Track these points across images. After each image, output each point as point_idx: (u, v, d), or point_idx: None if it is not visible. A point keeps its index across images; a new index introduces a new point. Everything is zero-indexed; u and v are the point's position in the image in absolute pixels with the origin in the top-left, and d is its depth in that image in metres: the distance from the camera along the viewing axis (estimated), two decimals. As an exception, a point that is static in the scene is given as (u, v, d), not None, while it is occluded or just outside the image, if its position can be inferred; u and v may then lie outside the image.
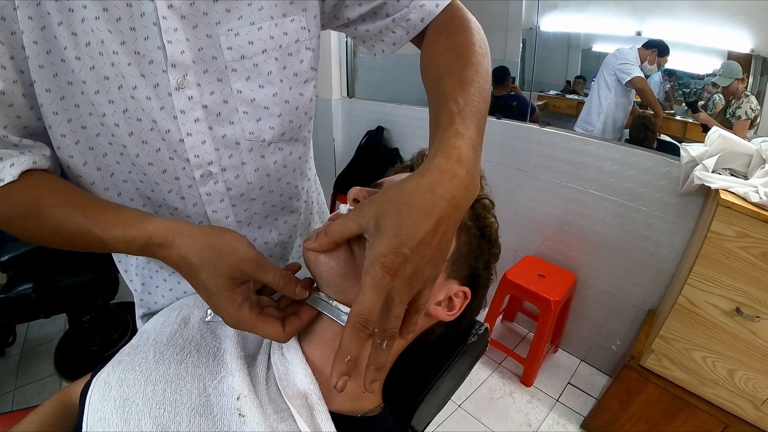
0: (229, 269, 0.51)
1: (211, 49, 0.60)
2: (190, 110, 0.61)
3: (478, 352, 0.83)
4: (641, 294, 2.03)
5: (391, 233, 0.42)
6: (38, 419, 0.69)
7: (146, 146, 0.63)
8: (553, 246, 2.34)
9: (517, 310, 2.61)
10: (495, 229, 0.65)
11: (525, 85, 2.68)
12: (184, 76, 0.59)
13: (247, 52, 0.62)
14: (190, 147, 0.64)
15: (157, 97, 0.59)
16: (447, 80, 0.59)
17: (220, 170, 0.68)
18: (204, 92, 0.62)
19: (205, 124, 0.64)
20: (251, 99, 0.66)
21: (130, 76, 0.57)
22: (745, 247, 1.30)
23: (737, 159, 1.51)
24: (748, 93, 1.82)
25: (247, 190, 0.73)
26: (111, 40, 0.55)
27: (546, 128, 2.19)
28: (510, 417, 2.04)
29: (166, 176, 0.66)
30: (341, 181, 3.23)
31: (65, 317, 2.40)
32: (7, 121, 0.56)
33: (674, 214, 1.82)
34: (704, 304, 1.43)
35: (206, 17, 0.59)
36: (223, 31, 0.60)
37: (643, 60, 2.13)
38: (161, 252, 0.53)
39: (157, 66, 0.58)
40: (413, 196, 0.44)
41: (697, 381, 1.54)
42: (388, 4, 0.70)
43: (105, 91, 0.58)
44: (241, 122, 0.67)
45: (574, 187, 2.13)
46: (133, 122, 0.61)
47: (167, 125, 0.61)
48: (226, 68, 0.62)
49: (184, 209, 0.71)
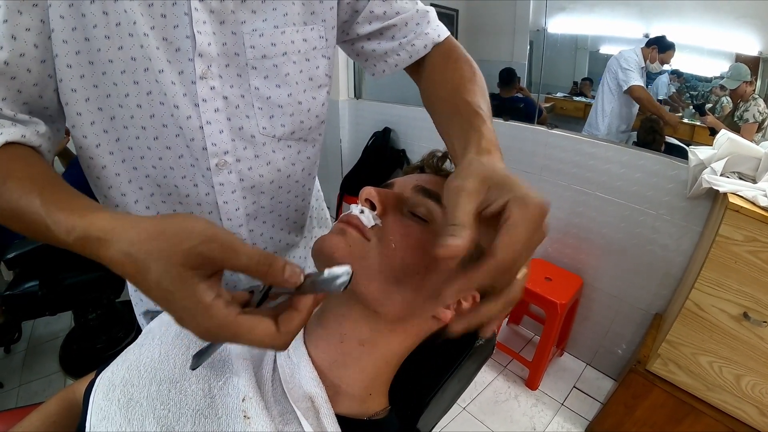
0: (186, 257, 0.38)
1: (234, 45, 0.64)
2: (211, 100, 0.64)
3: (485, 356, 0.83)
4: (648, 298, 2.02)
5: (528, 192, 0.40)
6: (42, 417, 0.69)
7: (165, 130, 0.65)
8: (559, 249, 2.33)
9: (523, 313, 2.60)
10: None
11: (532, 87, 2.69)
12: (208, 67, 0.62)
13: (269, 53, 0.66)
14: (209, 135, 0.66)
15: (181, 83, 0.62)
16: (468, 88, 0.66)
17: (234, 160, 0.70)
18: (225, 84, 0.65)
19: (224, 115, 0.67)
20: (267, 96, 0.69)
21: (157, 60, 0.60)
22: (754, 252, 1.29)
23: (746, 162, 1.50)
24: (756, 96, 1.81)
25: (258, 183, 0.75)
26: (143, 23, 0.57)
27: (553, 130, 2.19)
28: (515, 420, 2.03)
29: (182, 162, 0.69)
30: (348, 182, 3.23)
31: (71, 315, 2.42)
32: (7, 93, 0.56)
33: (682, 217, 1.81)
34: (712, 309, 1.42)
35: (233, 15, 0.62)
36: (248, 30, 0.64)
37: (646, 59, 2.13)
38: (101, 251, 0.40)
39: (184, 54, 0.61)
40: (506, 172, 0.44)
41: (704, 386, 1.52)
42: (397, 27, 0.76)
43: (131, 71, 0.60)
44: (256, 117, 0.70)
45: (582, 189, 2.12)
46: (155, 105, 0.63)
47: (189, 111, 0.64)
48: (246, 65, 0.66)
49: (196, 197, 0.72)
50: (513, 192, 0.41)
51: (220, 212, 0.74)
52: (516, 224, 0.39)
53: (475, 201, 0.41)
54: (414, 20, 0.77)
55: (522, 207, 0.40)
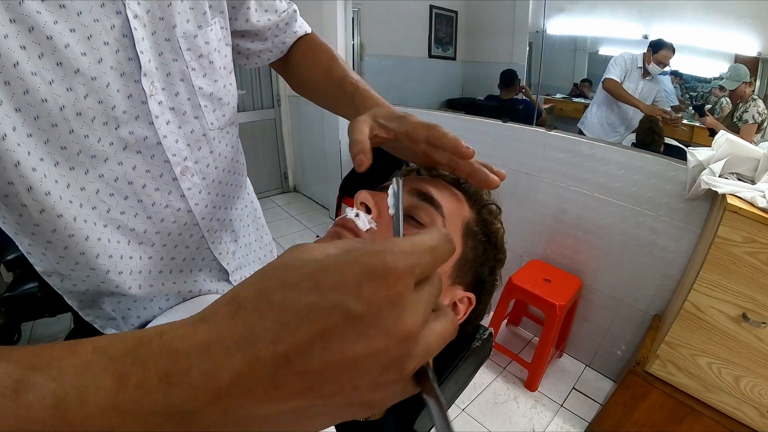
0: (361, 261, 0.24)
1: (170, 52, 0.64)
2: (162, 114, 0.64)
3: (483, 357, 0.83)
4: (647, 299, 2.02)
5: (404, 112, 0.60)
6: None
7: (133, 155, 0.64)
8: (558, 250, 2.33)
9: (522, 315, 2.60)
10: (501, 235, 0.65)
11: (532, 89, 2.69)
12: (152, 83, 0.62)
13: (204, 51, 0.68)
14: (168, 147, 0.66)
15: (132, 107, 0.61)
16: (338, 66, 0.83)
17: (194, 163, 0.72)
18: (170, 95, 0.66)
19: (176, 124, 0.67)
20: (210, 93, 0.72)
21: (108, 96, 0.57)
22: (752, 253, 1.29)
23: (744, 163, 1.50)
24: (756, 97, 1.81)
25: (216, 176, 0.78)
26: (87, 63, 0.54)
27: (552, 132, 2.19)
28: (514, 421, 2.03)
29: (150, 173, 0.67)
30: (347, 183, 3.23)
31: (70, 316, 2.41)
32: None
33: (681, 218, 1.81)
34: (710, 310, 1.42)
35: (162, 22, 0.61)
36: (180, 34, 0.64)
37: (645, 61, 2.14)
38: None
39: (129, 77, 0.59)
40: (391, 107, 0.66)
41: (703, 387, 1.53)
42: (271, 31, 0.85)
43: (83, 109, 0.56)
44: (204, 116, 0.72)
45: (581, 191, 2.13)
46: (115, 138, 0.60)
47: (144, 132, 0.63)
48: (187, 68, 0.67)
49: (176, 202, 0.72)
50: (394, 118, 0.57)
51: (194, 214, 0.75)
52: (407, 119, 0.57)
53: (366, 126, 0.55)
54: (284, 21, 0.86)
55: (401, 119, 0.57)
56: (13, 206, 0.55)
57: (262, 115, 4.30)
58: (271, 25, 0.84)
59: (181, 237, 0.75)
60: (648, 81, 2.20)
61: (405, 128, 0.56)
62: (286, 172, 4.71)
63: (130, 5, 0.56)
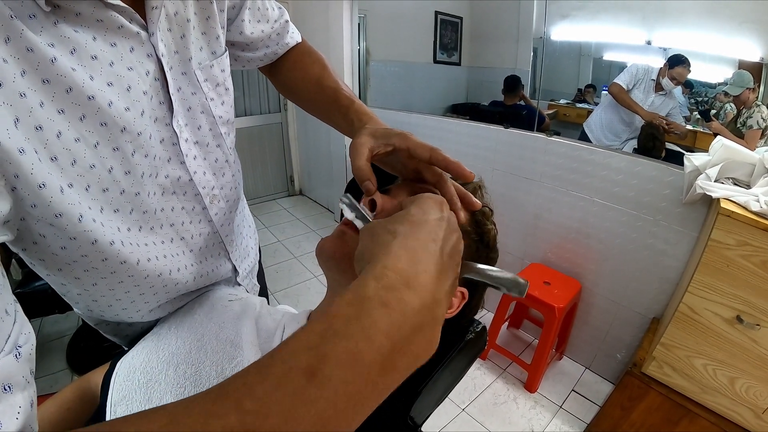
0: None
1: (189, 86, 0.63)
2: (189, 151, 0.65)
3: (476, 350, 0.86)
4: (645, 302, 2.04)
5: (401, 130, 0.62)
6: (57, 404, 0.74)
7: (165, 196, 0.64)
8: (558, 254, 2.36)
9: (522, 317, 2.62)
10: (493, 235, 0.68)
11: (536, 94, 2.71)
12: (177, 122, 0.61)
13: (221, 79, 0.69)
14: (198, 182, 0.68)
15: (164, 151, 0.61)
16: (328, 76, 0.85)
17: (219, 190, 0.74)
18: (193, 129, 0.66)
19: (201, 158, 0.69)
20: (227, 120, 0.73)
21: (148, 146, 0.56)
22: (746, 256, 1.31)
23: (740, 168, 1.53)
24: (759, 102, 1.83)
25: (232, 196, 0.79)
26: (132, 118, 0.52)
27: (552, 138, 2.22)
28: (513, 422, 2.05)
29: (185, 209, 0.69)
30: (352, 186, 3.24)
31: (79, 314, 2.45)
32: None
33: (678, 223, 1.83)
34: (705, 312, 1.44)
35: (177, 55, 0.60)
36: (196, 66, 0.64)
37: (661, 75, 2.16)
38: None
39: (161, 122, 0.59)
40: (386, 127, 0.65)
41: (698, 388, 1.55)
42: (263, 42, 0.85)
43: (130, 170, 0.54)
44: (225, 143, 0.73)
45: (580, 195, 2.15)
46: (153, 185, 0.60)
47: (178, 173, 0.64)
48: (206, 99, 0.67)
49: (205, 228, 0.74)
50: (393, 135, 0.59)
51: (220, 235, 0.78)
52: (408, 137, 0.58)
53: (366, 148, 0.58)
54: (276, 31, 0.86)
55: (401, 136, 0.59)
56: (78, 272, 0.57)
57: (269, 119, 4.35)
58: (263, 36, 0.84)
59: (209, 254, 0.78)
60: (660, 95, 2.20)
61: (406, 145, 0.58)
62: (292, 176, 4.74)
63: (158, 46, 0.55)
